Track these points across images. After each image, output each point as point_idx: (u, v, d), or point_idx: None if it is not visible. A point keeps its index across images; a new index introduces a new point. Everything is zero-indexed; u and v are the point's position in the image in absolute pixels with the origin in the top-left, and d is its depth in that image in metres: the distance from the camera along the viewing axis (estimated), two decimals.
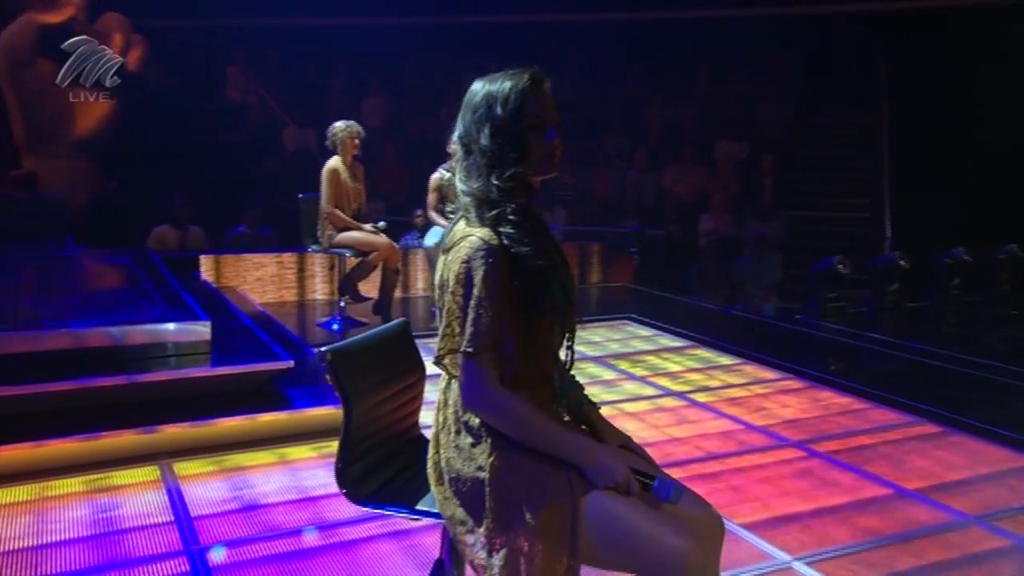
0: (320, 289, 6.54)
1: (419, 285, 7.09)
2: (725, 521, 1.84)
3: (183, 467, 3.39)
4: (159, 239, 6.77)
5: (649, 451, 1.94)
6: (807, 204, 9.45)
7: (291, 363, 3.91)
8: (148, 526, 2.91)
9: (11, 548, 2.72)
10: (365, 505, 1.77)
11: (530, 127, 1.71)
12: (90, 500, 3.09)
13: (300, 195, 5.81)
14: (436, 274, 1.77)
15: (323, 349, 1.76)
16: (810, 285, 7.11)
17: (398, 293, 6.18)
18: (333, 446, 3.47)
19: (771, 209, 9.15)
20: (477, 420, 1.71)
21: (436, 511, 1.73)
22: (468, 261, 1.65)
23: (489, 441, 1.69)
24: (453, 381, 1.73)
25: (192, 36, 11.29)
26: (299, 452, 3.59)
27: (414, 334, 2.07)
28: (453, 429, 1.73)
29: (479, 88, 1.76)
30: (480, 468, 1.68)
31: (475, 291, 1.63)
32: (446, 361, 1.71)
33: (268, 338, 4.33)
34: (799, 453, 3.81)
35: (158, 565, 2.65)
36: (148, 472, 3.35)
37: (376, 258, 5.75)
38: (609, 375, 4.98)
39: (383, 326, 1.96)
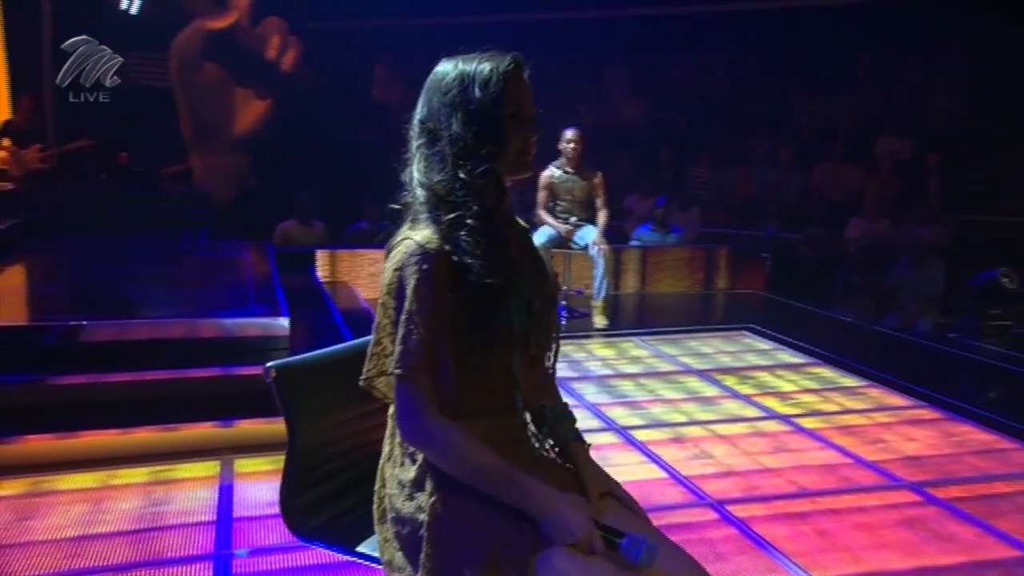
0: None
1: None
2: (800, 572, 1.53)
3: (243, 464, 3.39)
4: (283, 234, 7.00)
5: (732, 481, 1.65)
6: (976, 207, 8.44)
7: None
8: (188, 525, 2.90)
9: (55, 537, 2.78)
10: (307, 542, 1.60)
11: (510, 116, 1.47)
12: (146, 492, 3.13)
13: None
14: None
15: (268, 365, 1.61)
16: (969, 299, 6.32)
17: None
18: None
19: (936, 212, 8.23)
20: (406, 450, 1.50)
21: (376, 555, 1.53)
22: (401, 268, 1.43)
23: (433, 479, 1.47)
24: None
25: (343, 37, 11.67)
26: None
27: None
28: (398, 461, 1.53)
29: (450, 68, 1.51)
30: (420, 509, 1.46)
31: (406, 303, 1.42)
32: (379, 384, 1.50)
33: (351, 336, 4.29)
34: (913, 497, 3.30)
35: (184, 568, 2.62)
36: (209, 467, 3.36)
37: None
38: (710, 391, 4.58)
39: (346, 343, 1.77)
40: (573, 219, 5.99)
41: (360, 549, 1.55)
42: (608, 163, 10.42)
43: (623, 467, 3.48)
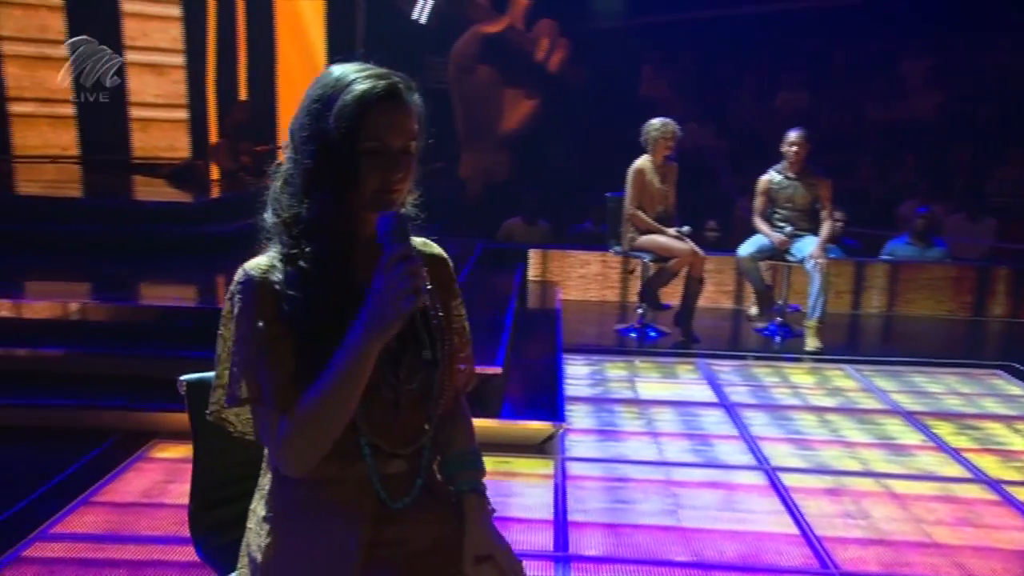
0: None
1: (727, 299, 6.42)
2: None
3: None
4: (507, 231, 7.17)
5: (876, 552, 1.43)
6: None
7: (499, 369, 3.81)
8: None
9: (180, 502, 3.11)
10: (206, 560, 1.61)
11: (369, 153, 1.30)
12: None
13: (608, 194, 5.62)
14: None
15: (182, 378, 1.63)
16: None
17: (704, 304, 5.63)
18: (514, 464, 3.35)
19: None
20: (268, 486, 1.43)
21: None
22: (231, 297, 1.36)
23: (273, 518, 1.40)
24: None
25: (611, 36, 11.67)
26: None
27: (713, 352, 1.79)
28: (257, 497, 1.47)
29: (325, 79, 1.35)
30: (260, 548, 1.40)
31: (234, 333, 1.35)
32: (228, 416, 1.43)
33: (506, 338, 4.27)
34: None
35: None
36: None
37: (676, 265, 5.31)
38: (909, 439, 3.88)
39: None
40: (789, 229, 5.40)
41: None
42: (887, 163, 9.28)
43: (746, 515, 3.07)
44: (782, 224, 5.49)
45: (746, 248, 5.53)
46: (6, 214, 5.49)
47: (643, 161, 5.37)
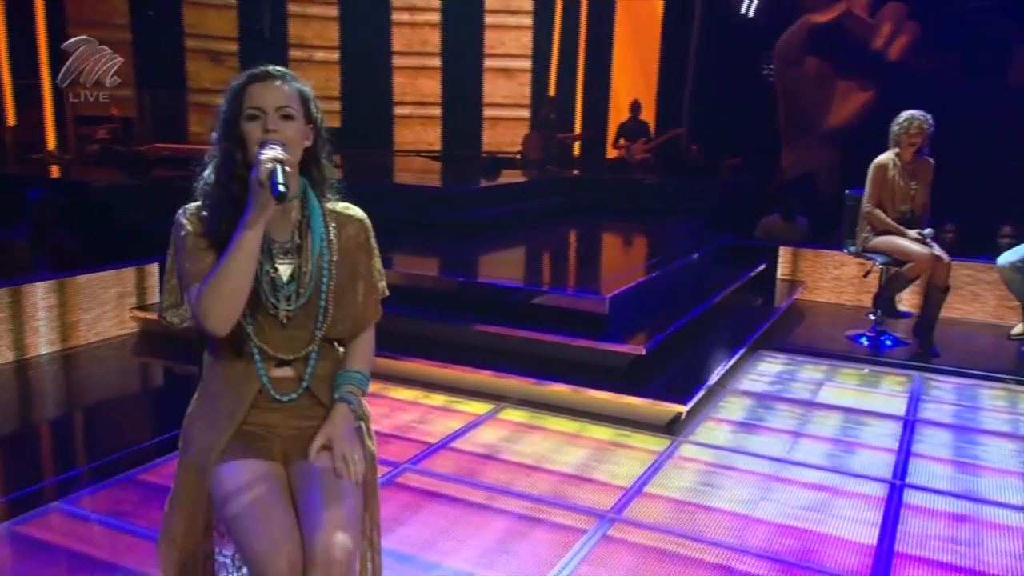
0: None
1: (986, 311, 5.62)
2: None
3: (507, 413, 3.97)
4: (766, 228, 6.94)
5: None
6: None
7: (642, 351, 4.01)
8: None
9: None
10: None
11: (248, 118, 1.80)
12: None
13: (847, 190, 5.30)
14: None
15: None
16: None
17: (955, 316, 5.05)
18: (631, 437, 3.59)
19: None
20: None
21: None
22: (174, 225, 1.85)
23: (198, 392, 1.94)
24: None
25: (968, 18, 10.35)
26: (597, 431, 3.75)
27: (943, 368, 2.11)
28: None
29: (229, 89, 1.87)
30: (189, 411, 1.95)
31: (176, 248, 1.86)
32: (170, 316, 1.91)
33: (675, 327, 4.42)
34: None
35: None
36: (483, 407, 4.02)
37: (911, 270, 4.88)
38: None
39: None
40: None
41: None
42: None
43: (826, 517, 2.97)
44: None
45: (1009, 256, 4.86)
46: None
47: (885, 157, 5.00)
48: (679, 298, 4.96)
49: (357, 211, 2.00)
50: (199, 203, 1.88)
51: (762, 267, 6.12)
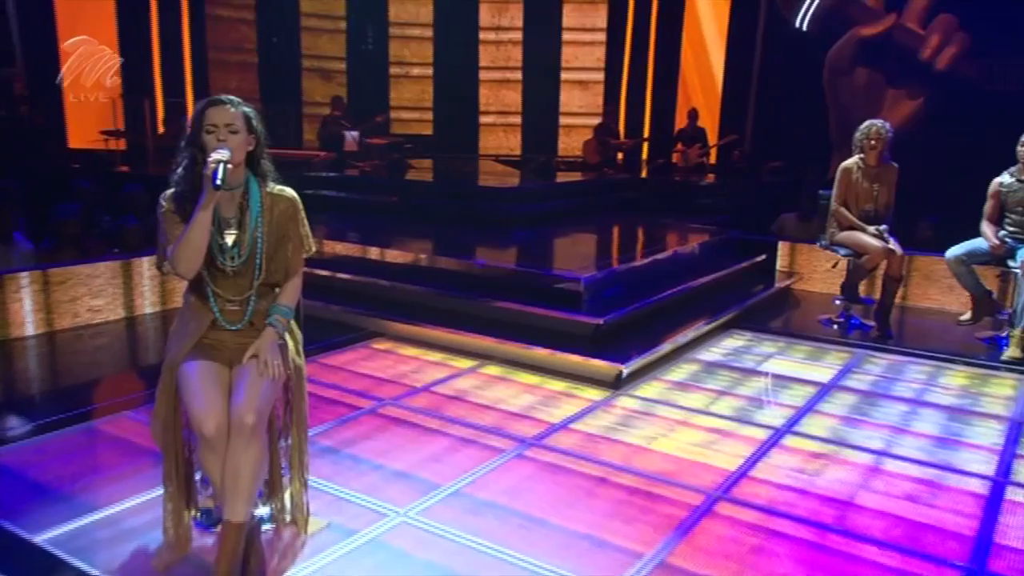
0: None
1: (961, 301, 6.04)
2: None
3: (487, 368, 4.86)
4: (781, 225, 7.50)
5: None
6: None
7: (600, 321, 4.83)
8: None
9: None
10: None
11: (206, 132, 2.58)
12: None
13: (821, 191, 5.94)
14: None
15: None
16: None
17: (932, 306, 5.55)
18: (583, 390, 4.46)
19: None
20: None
21: None
22: (158, 205, 2.71)
23: (178, 315, 2.85)
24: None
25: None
26: (555, 384, 4.59)
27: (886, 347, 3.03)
28: None
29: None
30: (172, 329, 2.89)
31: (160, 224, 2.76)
32: (163, 268, 2.78)
33: (642, 305, 5.20)
34: None
35: None
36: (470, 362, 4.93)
37: (868, 262, 5.49)
38: None
39: None
40: (1003, 233, 5.10)
41: None
42: None
43: (709, 453, 3.72)
44: (1013, 229, 5.20)
45: (955, 250, 5.36)
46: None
47: (852, 161, 5.62)
48: (669, 282, 5.72)
49: (289, 191, 2.77)
50: (173, 190, 2.70)
51: (760, 258, 6.80)
